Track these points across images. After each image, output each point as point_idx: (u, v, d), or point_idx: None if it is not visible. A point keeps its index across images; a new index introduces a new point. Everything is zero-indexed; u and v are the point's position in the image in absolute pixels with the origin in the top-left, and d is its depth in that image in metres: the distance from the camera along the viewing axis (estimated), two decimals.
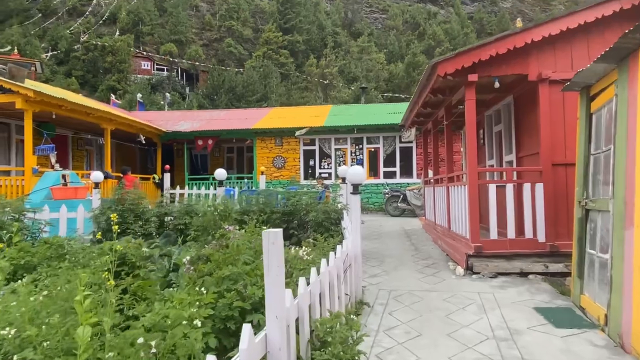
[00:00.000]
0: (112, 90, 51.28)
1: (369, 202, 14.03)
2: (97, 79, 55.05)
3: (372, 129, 14.12)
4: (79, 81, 53.80)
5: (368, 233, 9.31)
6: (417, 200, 12.51)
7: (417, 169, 13.94)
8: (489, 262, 5.44)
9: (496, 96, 7.15)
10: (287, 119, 15.24)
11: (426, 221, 9.67)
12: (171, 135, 14.65)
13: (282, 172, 14.49)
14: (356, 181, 4.54)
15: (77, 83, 52.75)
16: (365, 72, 51.13)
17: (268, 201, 7.09)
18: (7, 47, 40.87)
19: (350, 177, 4.56)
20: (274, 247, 2.29)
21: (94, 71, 55.42)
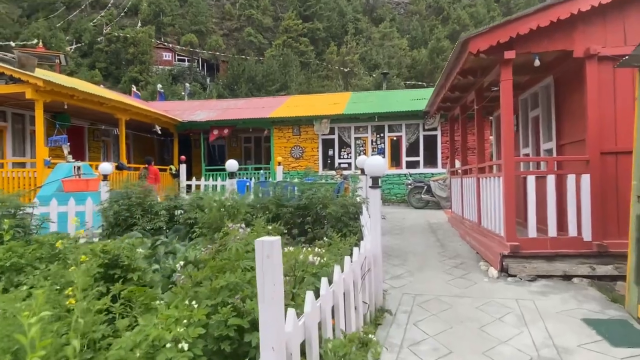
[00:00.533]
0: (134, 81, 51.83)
1: (390, 194, 13.44)
2: (120, 70, 55.71)
3: (394, 116, 13.45)
4: (103, 73, 54.56)
5: (390, 227, 8.77)
6: (442, 192, 11.85)
7: (442, 158, 13.23)
8: (526, 264, 4.84)
9: (533, 78, 6.45)
10: (305, 107, 14.72)
11: (452, 214, 9.04)
12: (187, 125, 14.35)
13: (300, 162, 14.02)
14: (375, 173, 4.01)
15: (101, 75, 53.53)
16: (387, 59, 49.96)
17: (281, 194, 6.63)
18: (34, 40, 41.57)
19: (368, 168, 4.03)
20: (269, 261, 1.81)
21: (117, 63, 56.10)
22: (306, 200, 6.37)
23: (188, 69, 56.93)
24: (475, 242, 6.22)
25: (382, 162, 4.02)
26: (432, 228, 8.61)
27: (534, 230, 4.99)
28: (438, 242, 7.15)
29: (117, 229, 6.63)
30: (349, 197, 6.27)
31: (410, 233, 8.06)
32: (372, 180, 4.04)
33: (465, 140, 8.16)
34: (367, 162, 4.06)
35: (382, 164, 4.00)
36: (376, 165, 3.99)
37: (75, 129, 12.38)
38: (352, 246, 4.24)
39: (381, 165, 3.99)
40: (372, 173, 4.03)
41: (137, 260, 3.67)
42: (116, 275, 3.55)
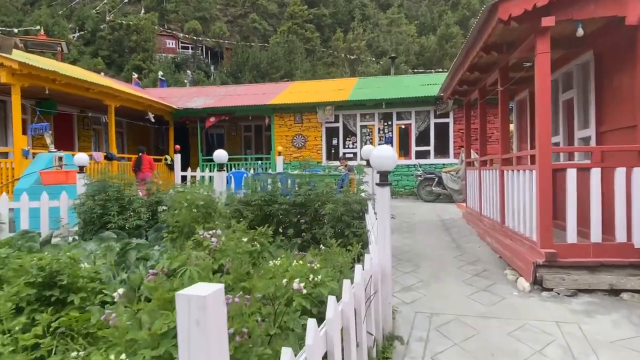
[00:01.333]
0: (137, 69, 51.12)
1: (398, 186, 12.60)
2: (123, 58, 54.87)
3: (403, 102, 12.56)
4: (105, 61, 53.78)
5: (398, 223, 7.96)
6: (455, 184, 11.00)
7: (454, 148, 12.35)
8: (565, 275, 4.02)
9: (566, 54, 5.55)
10: (308, 94, 13.86)
11: (468, 210, 8.21)
12: (183, 112, 13.56)
13: (302, 152, 13.20)
14: (384, 167, 3.20)
15: (104, 63, 52.76)
16: (394, 46, 48.67)
17: (275, 189, 5.84)
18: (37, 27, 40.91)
19: (376, 161, 3.23)
20: (200, 332, 1.02)
21: (120, 51, 55.24)
22: (303, 196, 5.58)
23: (192, 57, 56.01)
24: (498, 244, 5.40)
25: (391, 153, 3.21)
26: (446, 225, 7.80)
27: (573, 234, 4.16)
28: (453, 242, 6.33)
29: (92, 227, 5.91)
30: (352, 193, 5.46)
31: (422, 231, 7.25)
32: (380, 175, 3.23)
33: (484, 128, 7.29)
34: (374, 153, 3.25)
35: (391, 155, 3.19)
36: (385, 157, 3.17)
37: (63, 116, 11.65)
38: (355, 257, 3.47)
39: (391, 157, 3.18)
40: (380, 167, 3.22)
41: (82, 277, 2.91)
42: (54, 297, 2.81)
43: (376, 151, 3.24)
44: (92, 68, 47.08)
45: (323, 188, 5.49)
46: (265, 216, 5.64)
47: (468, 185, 8.19)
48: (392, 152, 3.23)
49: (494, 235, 5.70)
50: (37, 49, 30.01)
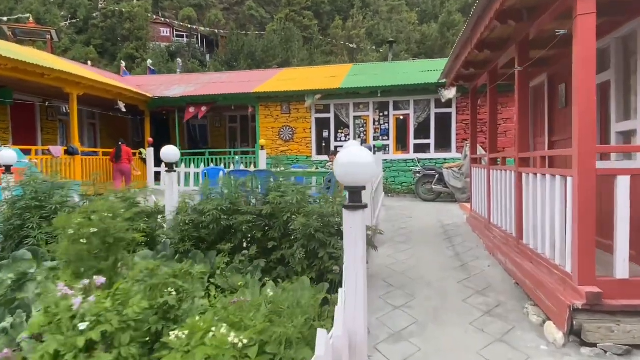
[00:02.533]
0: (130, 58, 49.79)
1: (395, 182, 11.46)
2: (116, 47, 53.40)
3: (401, 90, 11.36)
4: (98, 50, 52.34)
5: (393, 231, 6.84)
6: (457, 182, 9.86)
7: (457, 141, 11.18)
8: (614, 324, 2.90)
9: (602, 24, 4.35)
10: (297, 82, 12.65)
11: (473, 214, 7.08)
12: (159, 101, 12.37)
13: (290, 145, 12.04)
14: (355, 180, 2.06)
15: (96, 52, 51.35)
16: (395, 34, 47.21)
17: (239, 193, 4.72)
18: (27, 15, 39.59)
19: (340, 170, 2.08)
20: None
21: (113, 39, 53.76)
22: (271, 205, 4.46)
23: (186, 46, 54.50)
24: (514, 265, 4.28)
25: (365, 159, 2.06)
26: (448, 233, 6.66)
27: (624, 266, 3.03)
28: (457, 258, 5.20)
29: (11, 242, 4.80)
30: (330, 202, 4.34)
31: (419, 241, 6.12)
32: (350, 194, 2.09)
33: (495, 118, 6.11)
34: (341, 159, 2.10)
35: (366, 162, 2.05)
36: (355, 165, 2.03)
37: (22, 106, 10.49)
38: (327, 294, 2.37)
39: (365, 164, 2.04)
40: (350, 179, 2.08)
41: None
42: None
43: (343, 156, 2.09)
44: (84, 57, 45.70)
45: (294, 195, 4.36)
46: (224, 230, 4.53)
47: (474, 186, 7.04)
48: (367, 158, 2.08)
49: (507, 252, 4.57)
50: (26, 38, 28.61)
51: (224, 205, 4.46)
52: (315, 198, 4.70)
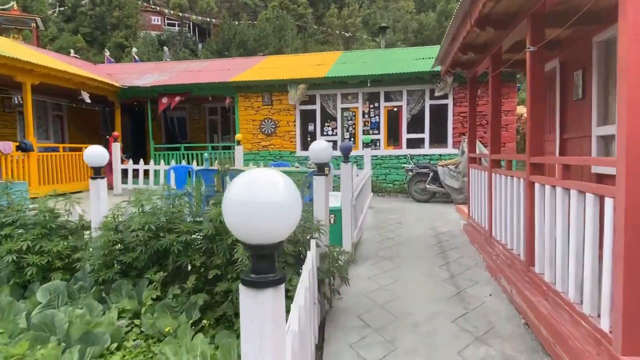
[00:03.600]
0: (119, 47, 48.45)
1: (386, 180, 10.52)
2: (106, 36, 51.92)
3: (393, 80, 10.38)
4: (87, 39, 50.80)
5: (379, 240, 5.93)
6: (454, 181, 8.93)
7: (454, 135, 10.23)
8: None
9: None
10: (280, 70, 11.62)
11: (471, 221, 6.17)
12: (129, 91, 11.33)
13: (272, 140, 11.06)
14: (257, 237, 1.10)
15: (84, 41, 49.81)
16: (392, 23, 46.04)
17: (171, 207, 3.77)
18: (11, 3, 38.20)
19: (232, 216, 1.12)
20: None
21: (102, 28, 52.22)
22: (214, 223, 3.51)
23: (178, 34, 53.06)
24: (522, 300, 3.36)
25: (281, 196, 1.09)
26: (442, 245, 5.74)
27: None
28: (452, 282, 4.29)
29: None
30: None
31: (408, 256, 5.20)
32: (256, 261, 1.21)
33: (498, 111, 5.15)
34: (233, 197, 1.14)
35: (280, 202, 1.08)
36: (259, 208, 1.07)
37: None
38: None
39: (280, 207, 1.08)
40: (253, 236, 1.12)
41: None
42: None
43: (237, 188, 1.14)
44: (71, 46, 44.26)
45: None
46: (157, 254, 3.59)
47: (472, 190, 6.12)
48: (284, 192, 1.12)
49: (513, 280, 3.65)
50: (10, 26, 27.28)
51: (155, 222, 3.50)
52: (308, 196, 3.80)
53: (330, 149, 3.62)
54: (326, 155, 3.59)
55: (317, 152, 3.60)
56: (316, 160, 3.65)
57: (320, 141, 3.63)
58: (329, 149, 3.61)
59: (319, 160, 3.63)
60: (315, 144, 3.62)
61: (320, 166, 3.66)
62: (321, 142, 3.61)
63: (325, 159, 3.61)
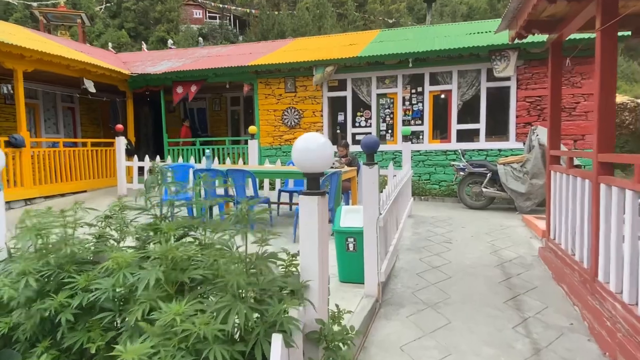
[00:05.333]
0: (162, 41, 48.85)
1: (430, 181, 8.74)
2: (149, 31, 52.61)
3: (440, 59, 8.54)
4: (131, 34, 51.62)
5: (420, 268, 4.29)
6: (519, 184, 7.04)
7: (518, 126, 8.27)
8: None
9: None
10: (306, 53, 10.06)
11: (552, 245, 4.36)
12: (140, 80, 10.21)
13: (296, 132, 9.55)
14: None
15: (128, 36, 50.69)
16: (439, 8, 43.22)
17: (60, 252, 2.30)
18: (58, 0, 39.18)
19: None
20: None
21: (146, 22, 52.94)
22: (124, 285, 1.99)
23: (219, 27, 52.77)
24: None
25: None
26: (511, 282, 4.01)
27: None
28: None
29: None
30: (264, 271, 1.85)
31: (462, 302, 3.53)
32: None
33: (610, 89, 3.28)
34: None
35: None
36: None
37: None
38: None
39: None
40: None
41: None
42: None
43: None
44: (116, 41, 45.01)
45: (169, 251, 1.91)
46: (50, 322, 2.18)
47: (556, 201, 4.30)
48: None
49: None
50: (57, 22, 27.57)
51: (44, 269, 2.10)
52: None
53: (326, 149, 2.05)
54: (319, 160, 2.03)
55: (302, 154, 2.04)
56: (304, 169, 2.09)
57: (307, 137, 2.07)
58: (324, 148, 2.04)
59: (309, 169, 2.07)
60: (300, 141, 2.07)
61: (312, 179, 2.10)
62: (309, 139, 2.05)
63: (317, 165, 2.05)
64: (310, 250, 2.06)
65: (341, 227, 3.86)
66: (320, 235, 2.06)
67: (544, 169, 6.96)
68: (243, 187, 5.91)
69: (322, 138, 2.08)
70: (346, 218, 3.93)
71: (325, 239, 2.15)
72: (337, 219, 3.93)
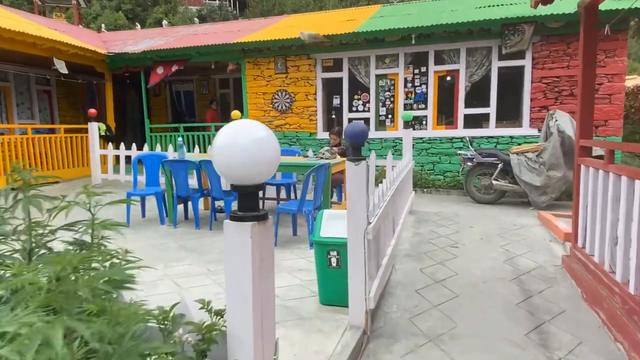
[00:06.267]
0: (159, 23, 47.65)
1: (434, 171, 7.95)
2: (147, 12, 51.33)
3: (446, 35, 7.67)
4: (128, 15, 50.27)
5: (420, 282, 3.55)
6: (534, 175, 6.25)
7: (533, 110, 7.42)
8: None
9: None
10: (300, 29, 9.16)
11: (580, 255, 3.61)
12: (118, 60, 9.39)
13: (287, 118, 8.74)
14: None
15: (125, 18, 49.46)
16: None
17: None
18: None
19: None
20: None
21: (144, 4, 51.48)
22: None
23: (218, 9, 51.39)
24: None
25: None
26: (532, 303, 3.26)
27: None
28: None
29: None
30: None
31: (472, 335, 2.79)
32: None
33: None
34: None
35: None
36: None
37: None
38: None
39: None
40: None
41: None
42: None
43: None
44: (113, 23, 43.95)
45: None
46: None
47: (587, 201, 3.53)
48: None
49: None
50: (52, 3, 26.59)
51: None
52: None
53: (267, 148, 1.28)
54: (253, 166, 1.26)
55: (224, 154, 1.27)
56: (230, 178, 1.31)
57: (236, 127, 1.30)
58: (265, 147, 1.27)
59: (236, 179, 1.30)
60: (222, 135, 1.29)
61: (244, 195, 1.33)
62: (239, 130, 1.28)
63: (250, 174, 1.28)
64: (241, 308, 1.31)
65: (321, 237, 3.11)
66: (256, 286, 1.31)
67: (563, 159, 6.15)
68: (218, 180, 5.15)
69: (262, 130, 1.30)
70: (328, 225, 3.18)
71: (268, 287, 1.40)
72: (318, 227, 3.18)
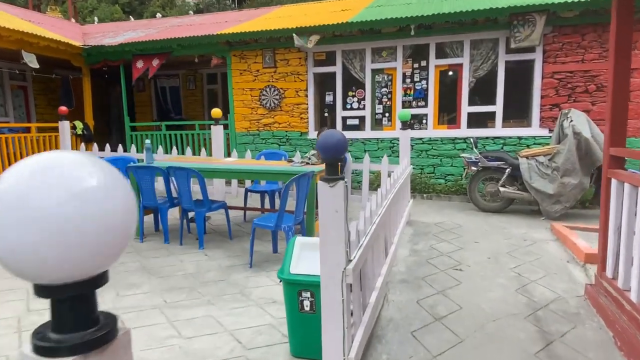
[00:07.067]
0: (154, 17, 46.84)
1: (435, 174, 7.30)
2: (144, 6, 50.55)
3: (449, 25, 6.99)
4: (125, 9, 49.55)
5: (417, 322, 2.90)
6: (546, 182, 5.61)
7: (543, 108, 6.76)
8: None
9: None
10: (289, 20, 8.50)
11: (611, 288, 2.99)
12: (96, 53, 8.72)
13: (276, 116, 8.09)
14: None
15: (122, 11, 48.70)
16: None
17: None
18: None
19: None
20: None
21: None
22: None
23: (216, 2, 50.61)
24: None
25: None
26: (554, 356, 2.61)
27: None
28: None
29: None
30: None
31: None
32: None
33: None
34: None
35: None
36: None
37: None
38: None
39: None
40: None
41: None
42: None
43: None
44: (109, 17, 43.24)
45: None
46: None
47: (625, 228, 2.89)
48: None
49: None
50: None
51: None
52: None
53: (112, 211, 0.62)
54: (67, 250, 0.60)
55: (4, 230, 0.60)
56: (29, 277, 0.66)
57: (24, 172, 0.63)
58: (106, 212, 0.61)
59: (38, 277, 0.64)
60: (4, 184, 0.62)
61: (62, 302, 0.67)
62: (22, 182, 0.62)
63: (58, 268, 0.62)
64: None
65: (292, 274, 2.47)
66: None
67: (579, 164, 5.51)
68: (188, 189, 4.52)
69: (94, 172, 0.66)
70: (301, 257, 2.54)
71: None
72: (287, 260, 2.54)
